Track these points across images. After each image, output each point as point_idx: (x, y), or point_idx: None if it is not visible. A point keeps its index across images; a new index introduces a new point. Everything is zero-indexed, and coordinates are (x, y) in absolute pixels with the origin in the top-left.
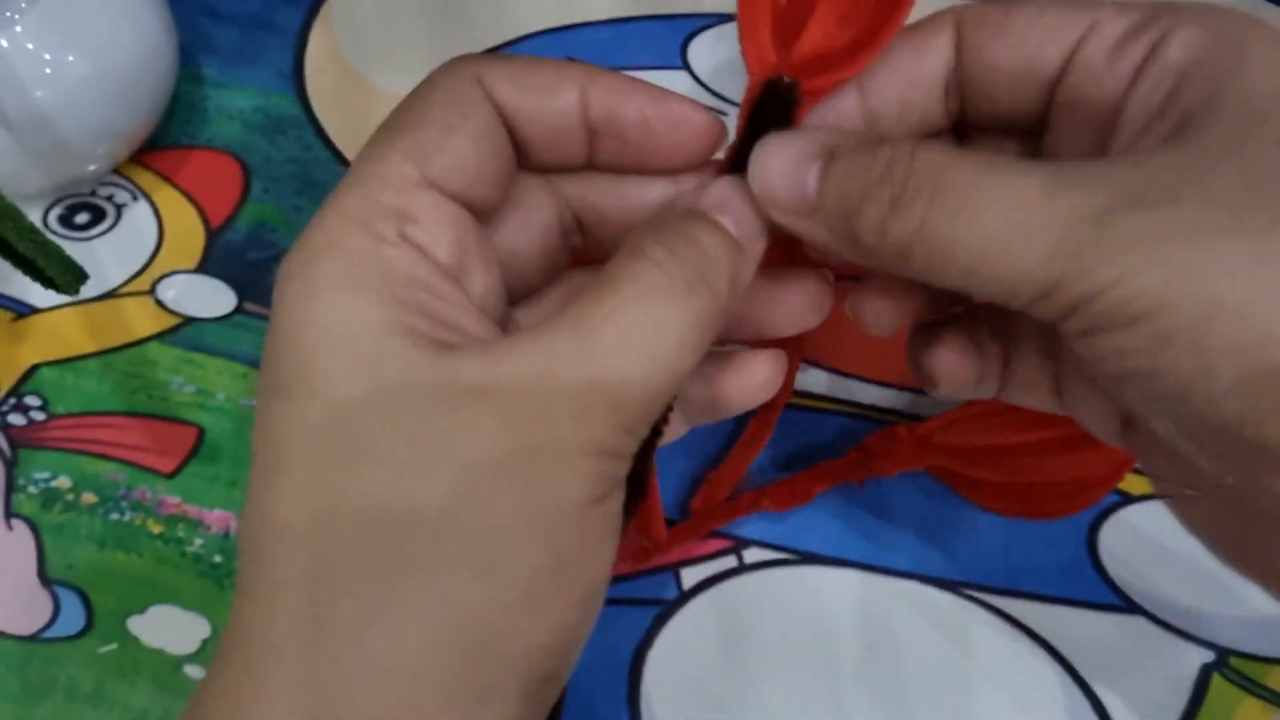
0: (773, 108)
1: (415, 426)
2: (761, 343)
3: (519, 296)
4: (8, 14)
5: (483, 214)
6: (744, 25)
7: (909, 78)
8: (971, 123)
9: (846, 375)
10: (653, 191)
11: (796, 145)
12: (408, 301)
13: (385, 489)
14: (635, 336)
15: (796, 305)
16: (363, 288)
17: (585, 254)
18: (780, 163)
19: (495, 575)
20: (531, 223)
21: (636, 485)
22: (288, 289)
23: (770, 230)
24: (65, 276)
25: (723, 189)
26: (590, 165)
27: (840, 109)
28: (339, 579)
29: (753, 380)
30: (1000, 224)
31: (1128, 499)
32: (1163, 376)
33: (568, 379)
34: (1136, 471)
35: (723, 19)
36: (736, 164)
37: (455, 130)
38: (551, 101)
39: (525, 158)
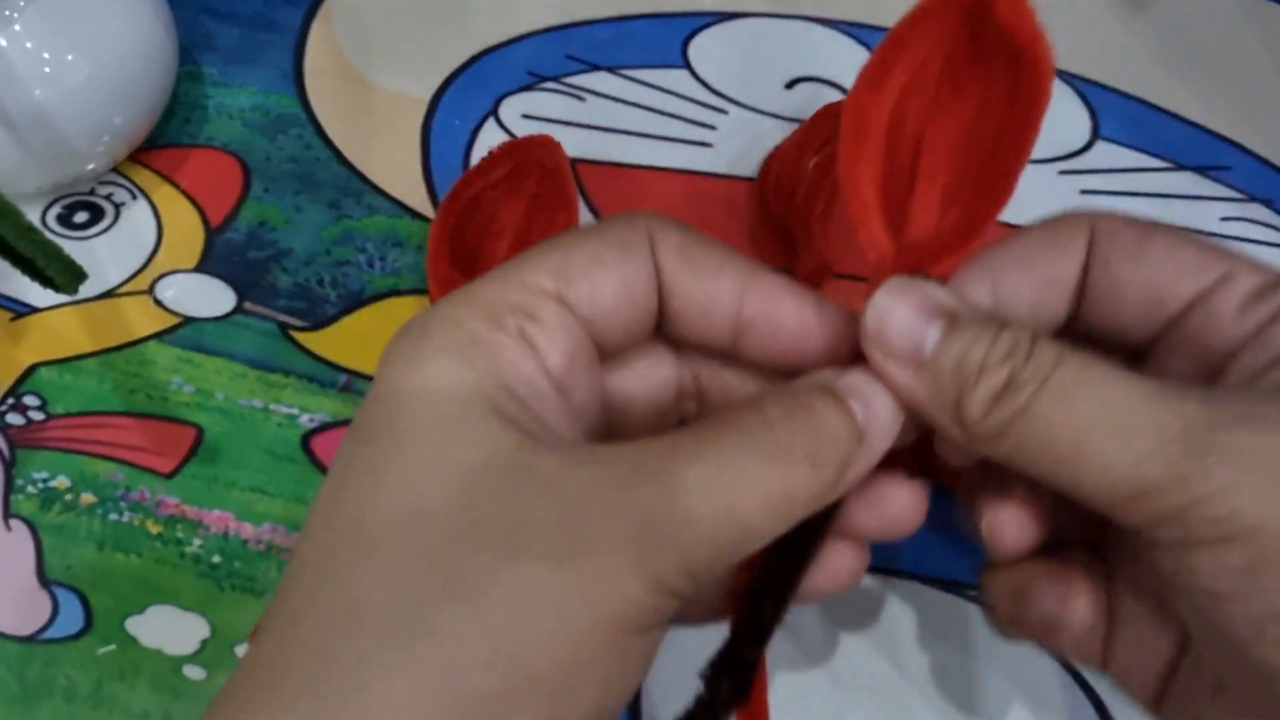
0: None
1: (476, 498)
2: None
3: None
4: (7, 12)
5: (605, 352)
6: (856, 214)
7: (1043, 276)
8: (1080, 328)
9: None
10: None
11: (923, 296)
12: (508, 388)
13: (427, 548)
14: (718, 483)
15: (891, 512)
16: (468, 361)
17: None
18: (903, 309)
19: (510, 663)
20: (651, 374)
21: (740, 680)
22: (397, 351)
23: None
24: (64, 276)
25: (861, 376)
26: (732, 353)
27: (972, 295)
28: (358, 620)
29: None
30: (1103, 416)
31: None
32: (1256, 599)
33: (639, 499)
34: None
35: (723, 17)
36: None
37: (606, 265)
38: (708, 284)
39: (667, 326)
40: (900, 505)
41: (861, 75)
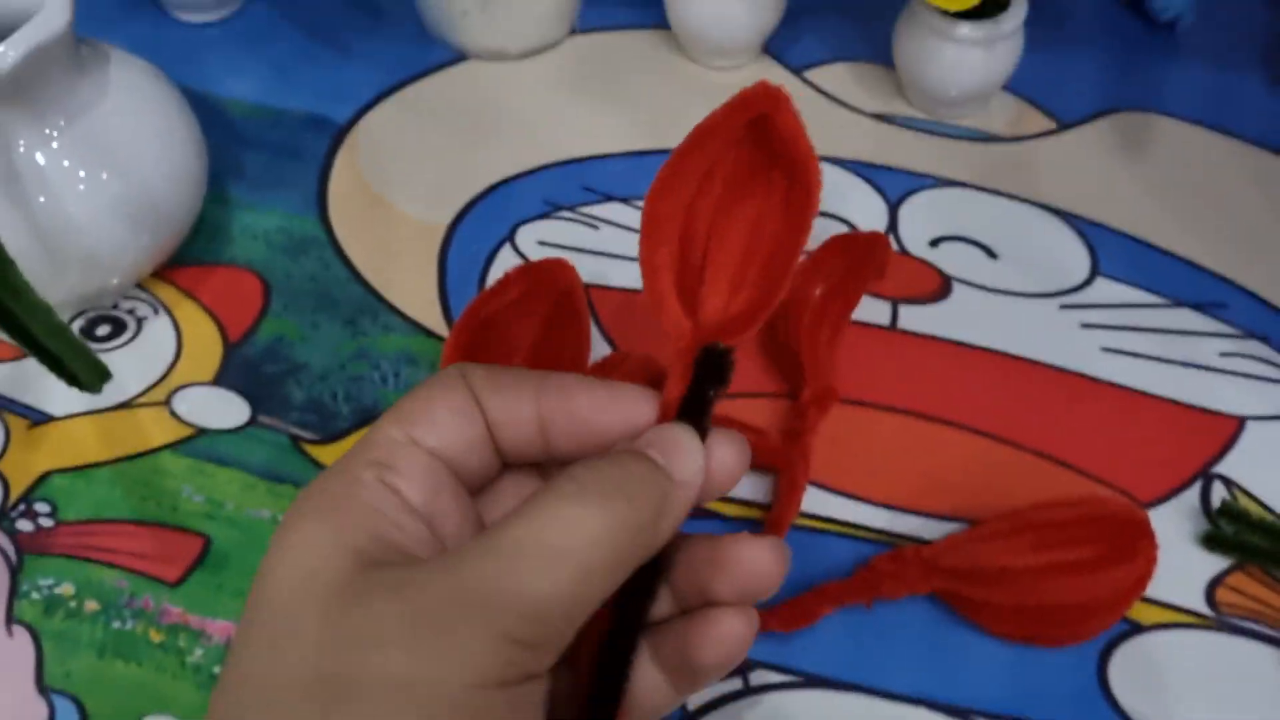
0: (712, 368)
1: (329, 613)
2: (767, 461)
3: None
4: (47, 130)
5: (466, 481)
6: (654, 300)
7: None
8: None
9: (853, 498)
10: None
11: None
12: (366, 530)
13: (292, 664)
14: (539, 533)
15: (745, 570)
16: (327, 518)
17: None
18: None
19: None
20: (520, 495)
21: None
22: (280, 524)
23: None
24: (89, 374)
25: (658, 432)
26: (551, 455)
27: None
28: None
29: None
30: None
31: (1139, 628)
32: None
33: (472, 570)
34: (1147, 600)
35: None
36: (681, 414)
37: (436, 402)
38: (509, 395)
39: (497, 446)
40: (753, 562)
41: (657, 178)
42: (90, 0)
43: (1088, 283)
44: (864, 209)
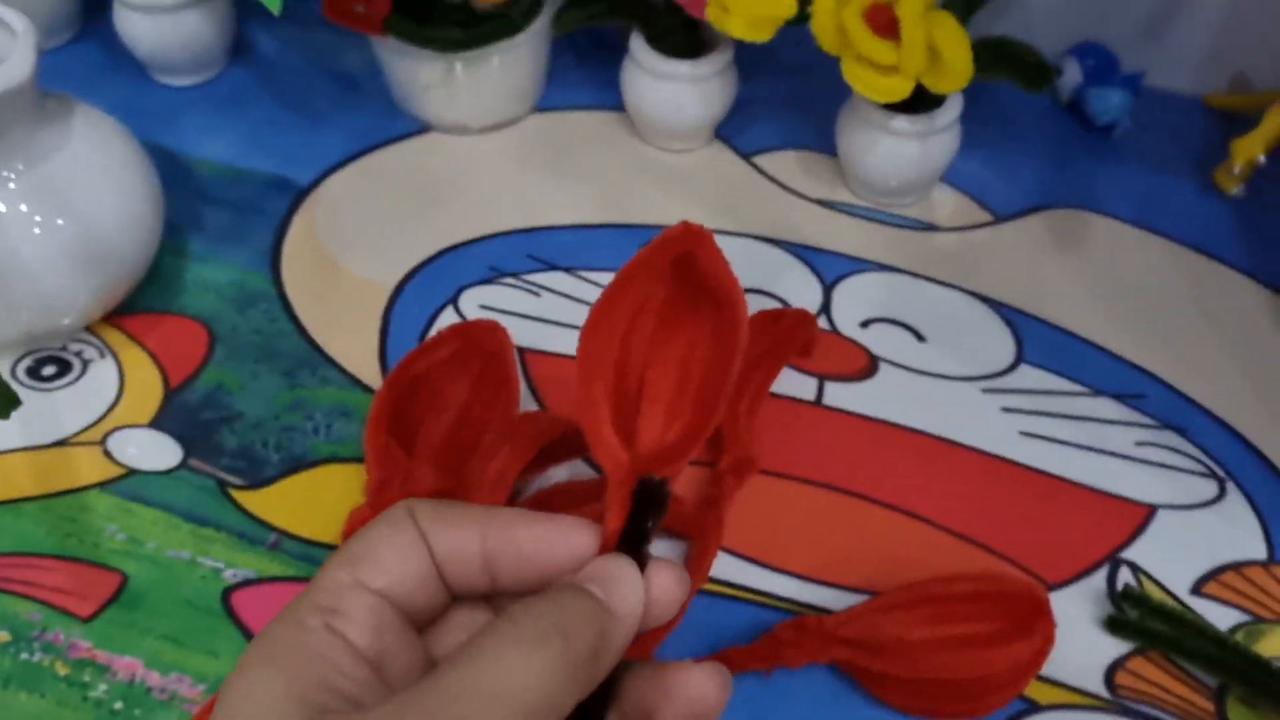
0: (649, 500)
1: None
2: (681, 526)
3: None
4: (5, 174)
5: (414, 618)
6: (591, 435)
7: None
8: None
9: (765, 566)
10: None
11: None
12: (313, 678)
13: None
14: (477, 678)
15: (691, 696)
16: (276, 667)
17: None
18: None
19: None
20: (469, 629)
21: None
22: (232, 671)
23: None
24: None
25: (597, 565)
26: (497, 589)
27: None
28: None
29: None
30: None
31: (1036, 707)
32: None
33: (415, 714)
34: (1043, 679)
35: None
36: (620, 545)
37: (382, 541)
38: (455, 530)
39: (445, 580)
40: (698, 689)
41: (590, 315)
42: (80, 60)
43: (1011, 368)
44: (800, 288)
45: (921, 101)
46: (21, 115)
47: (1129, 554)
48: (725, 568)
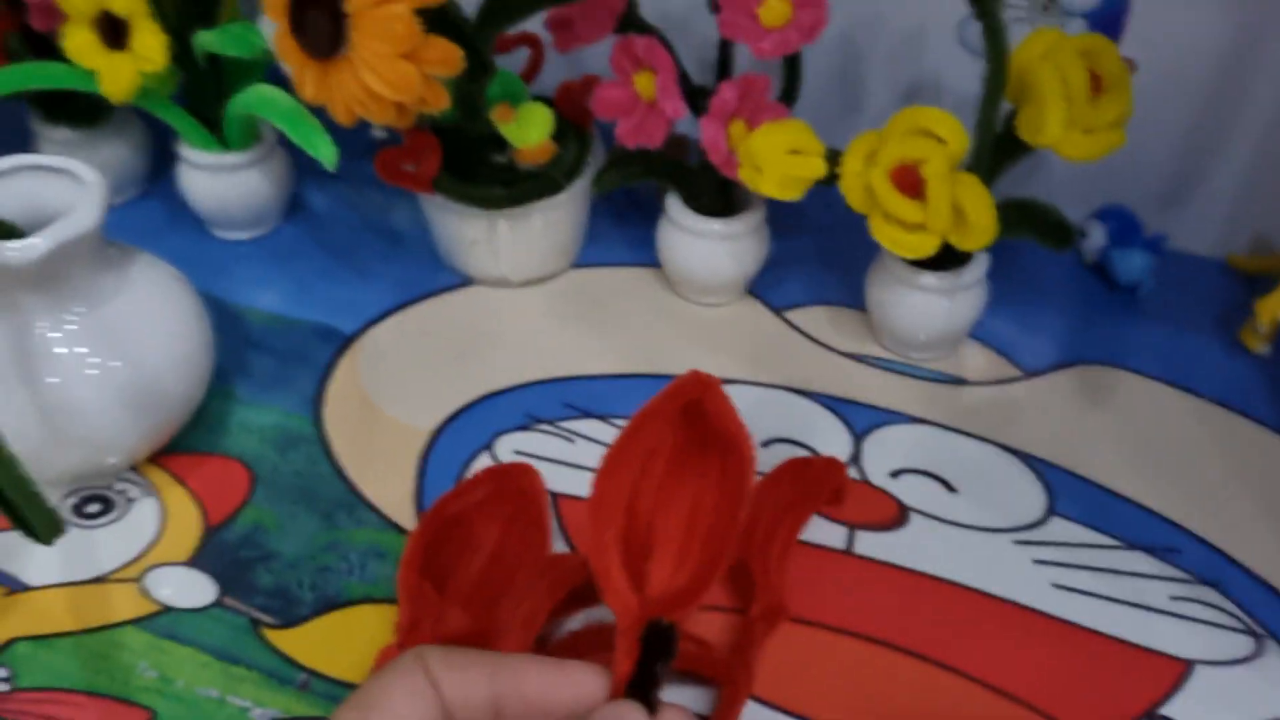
0: (658, 644)
1: None
2: (710, 673)
3: None
4: (65, 316)
5: None
6: (602, 580)
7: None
8: None
9: (795, 715)
10: None
11: None
12: None
13: None
14: None
15: None
16: None
17: None
18: None
19: None
20: None
21: None
22: None
23: None
24: (44, 527)
25: (606, 712)
26: None
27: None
28: None
29: None
30: None
31: None
32: None
33: None
34: None
35: None
36: (629, 689)
37: (392, 687)
38: (464, 674)
39: None
40: None
41: (604, 461)
42: (145, 215)
43: (1043, 521)
44: (830, 439)
45: (949, 259)
46: (86, 261)
47: (1167, 710)
48: (755, 716)
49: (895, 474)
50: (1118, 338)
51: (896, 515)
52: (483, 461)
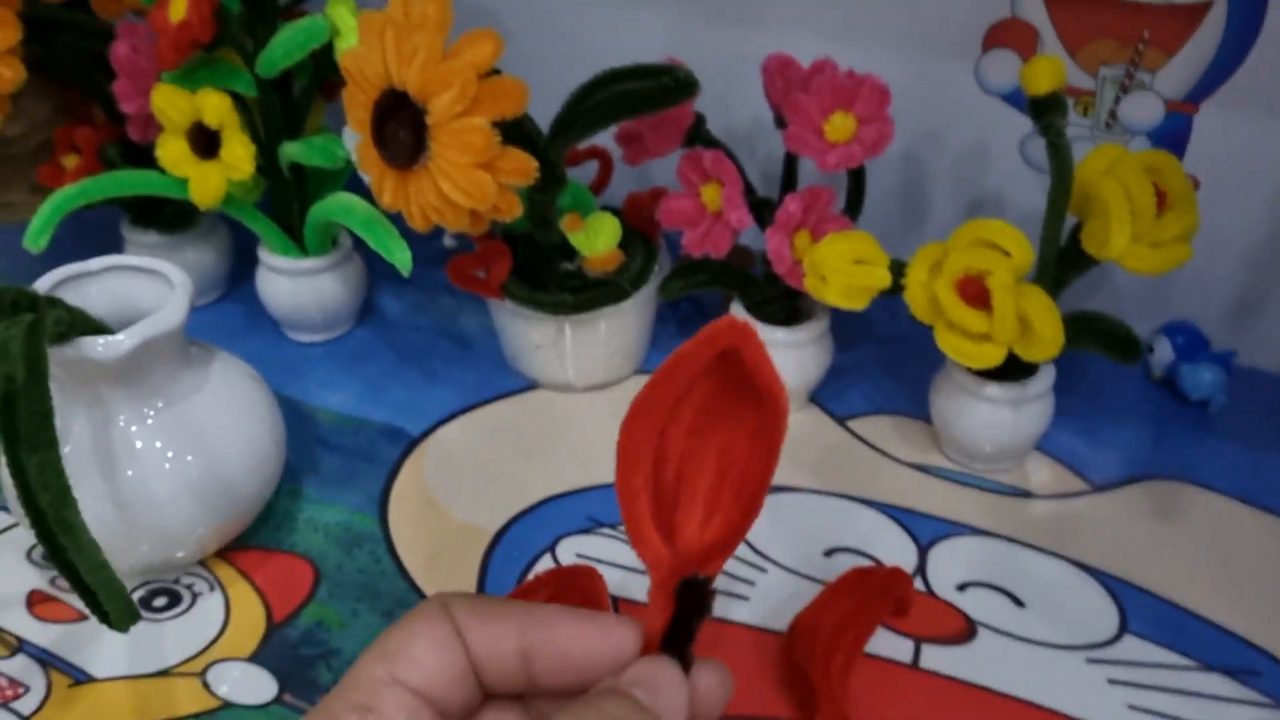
0: (693, 599)
1: None
2: None
3: None
4: (145, 410)
5: (448, 713)
6: (632, 529)
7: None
8: None
9: None
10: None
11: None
12: None
13: None
14: None
15: None
16: None
17: None
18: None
19: None
20: None
21: None
22: None
23: None
24: (120, 614)
25: (639, 666)
26: (535, 687)
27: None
28: None
29: None
30: None
31: None
32: None
33: None
34: None
35: (777, 489)
36: (664, 645)
37: (417, 635)
38: (494, 626)
39: (480, 678)
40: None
41: (632, 407)
42: (224, 317)
43: (1116, 639)
44: (894, 549)
45: (1014, 369)
46: (167, 358)
47: None
48: None
49: (962, 587)
50: (1189, 453)
51: (964, 629)
52: (545, 563)
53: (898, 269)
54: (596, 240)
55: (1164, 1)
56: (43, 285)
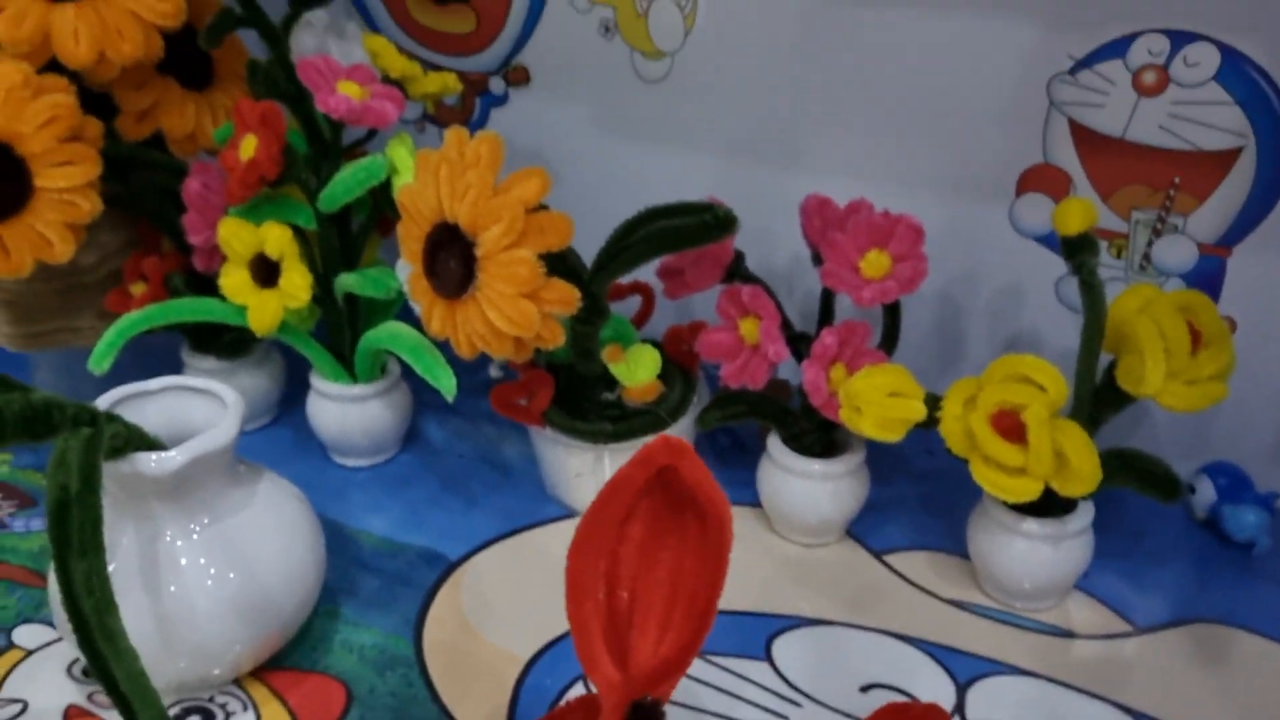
0: None
1: None
2: None
3: None
4: (191, 526)
5: None
6: (585, 658)
7: None
8: None
9: None
10: None
11: None
12: None
13: None
14: None
15: None
16: None
17: None
18: None
19: None
20: None
21: None
22: None
23: None
24: None
25: None
26: None
27: None
28: None
29: None
30: None
31: None
32: None
33: None
34: None
35: (809, 622)
36: None
37: None
38: None
39: None
40: None
41: (576, 535)
42: (273, 441)
43: None
44: (932, 687)
45: (1053, 506)
46: (216, 476)
47: None
48: None
49: None
50: (1233, 596)
51: None
52: (577, 691)
53: (933, 402)
54: (637, 371)
55: (1194, 148)
56: (103, 402)
